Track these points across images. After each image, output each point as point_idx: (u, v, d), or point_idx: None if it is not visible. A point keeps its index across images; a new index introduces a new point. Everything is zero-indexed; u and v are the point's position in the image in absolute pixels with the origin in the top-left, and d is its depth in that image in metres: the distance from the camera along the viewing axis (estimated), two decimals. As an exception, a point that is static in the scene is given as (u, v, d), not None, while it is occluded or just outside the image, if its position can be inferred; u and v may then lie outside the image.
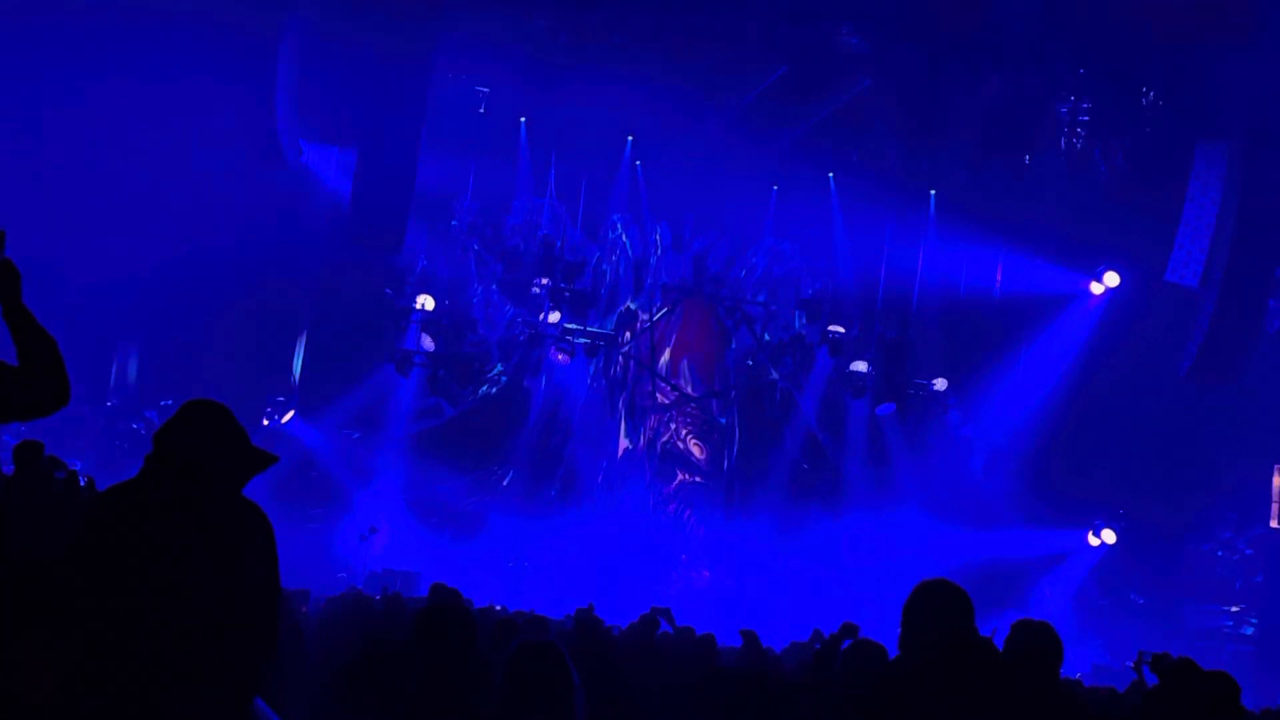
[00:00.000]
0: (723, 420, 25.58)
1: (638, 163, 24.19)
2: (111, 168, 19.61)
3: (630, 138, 23.80)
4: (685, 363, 25.75)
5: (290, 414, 21.89)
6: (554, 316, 23.92)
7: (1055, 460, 23.63)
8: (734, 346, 25.87)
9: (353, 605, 10.71)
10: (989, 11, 18.67)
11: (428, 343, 22.84)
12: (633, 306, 25.46)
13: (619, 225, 25.23)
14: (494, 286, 24.42)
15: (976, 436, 24.69)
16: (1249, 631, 22.57)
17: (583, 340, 24.53)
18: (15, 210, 18.91)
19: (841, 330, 24.13)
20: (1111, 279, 23.48)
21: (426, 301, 22.63)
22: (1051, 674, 4.78)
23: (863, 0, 18.33)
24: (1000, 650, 4.42)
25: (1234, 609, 22.74)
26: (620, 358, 25.63)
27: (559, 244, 24.01)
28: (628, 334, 25.64)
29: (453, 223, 23.90)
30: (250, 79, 19.13)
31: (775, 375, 25.63)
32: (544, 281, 23.87)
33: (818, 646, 11.45)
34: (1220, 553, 22.22)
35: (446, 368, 23.29)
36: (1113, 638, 20.92)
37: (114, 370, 21.63)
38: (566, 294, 23.77)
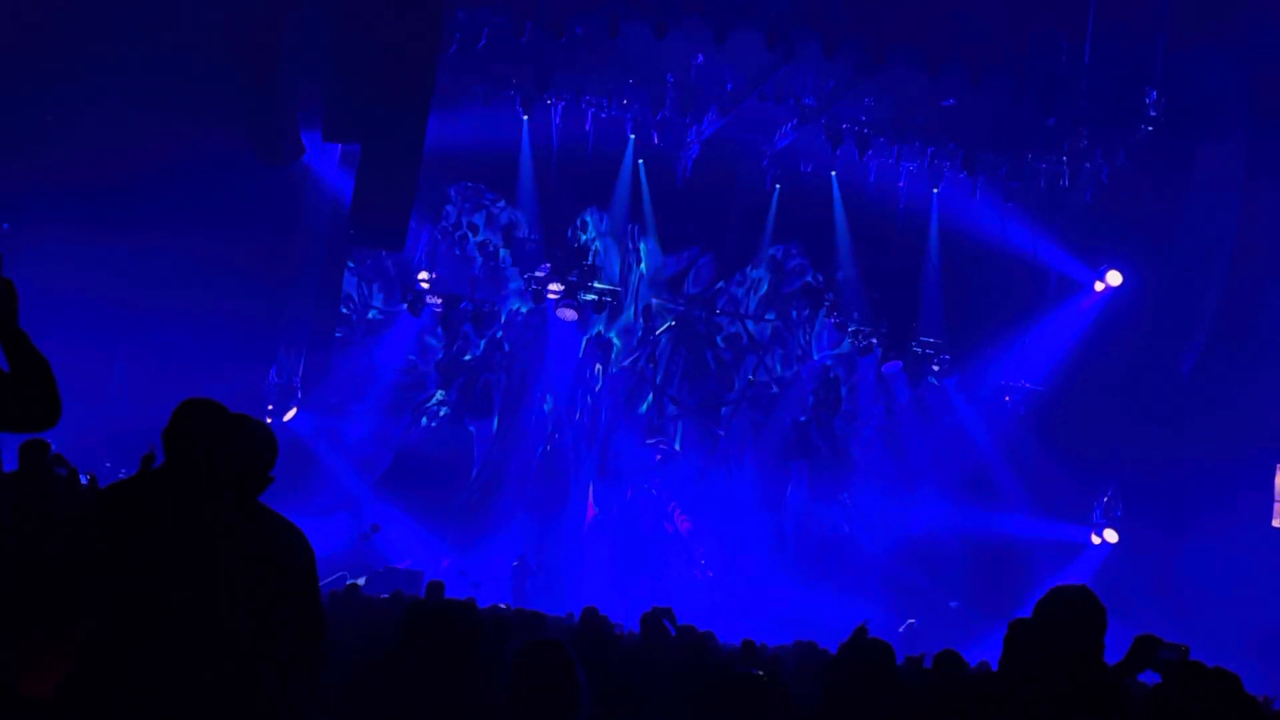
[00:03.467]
0: (721, 432, 24.38)
1: (639, 161, 24.10)
2: (111, 167, 19.61)
3: (633, 137, 23.76)
4: (669, 403, 24.16)
5: (293, 411, 21.85)
6: (555, 287, 22.68)
7: (1056, 456, 23.62)
8: (738, 384, 24.31)
9: (355, 605, 10.70)
10: (988, 12, 18.71)
11: (436, 302, 22.58)
12: (611, 336, 23.98)
13: (590, 224, 23.85)
14: (495, 265, 23.64)
15: (975, 415, 24.54)
16: (1250, 630, 22.56)
17: (590, 297, 22.92)
18: (14, 212, 19.00)
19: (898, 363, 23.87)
20: (1114, 278, 23.48)
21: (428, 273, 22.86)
22: (1095, 648, 4.49)
23: (862, 2, 18.35)
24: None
25: (1234, 608, 22.72)
26: (589, 399, 23.44)
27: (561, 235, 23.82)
28: (599, 366, 23.67)
29: (448, 218, 23.73)
30: (252, 75, 19.14)
31: (776, 389, 24.62)
32: (546, 266, 23.17)
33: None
34: (1221, 551, 22.16)
35: (458, 311, 22.76)
36: (1113, 636, 20.87)
37: (115, 373, 21.54)
38: (571, 272, 23.00)
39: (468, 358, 23.44)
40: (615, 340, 24.12)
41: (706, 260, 24.71)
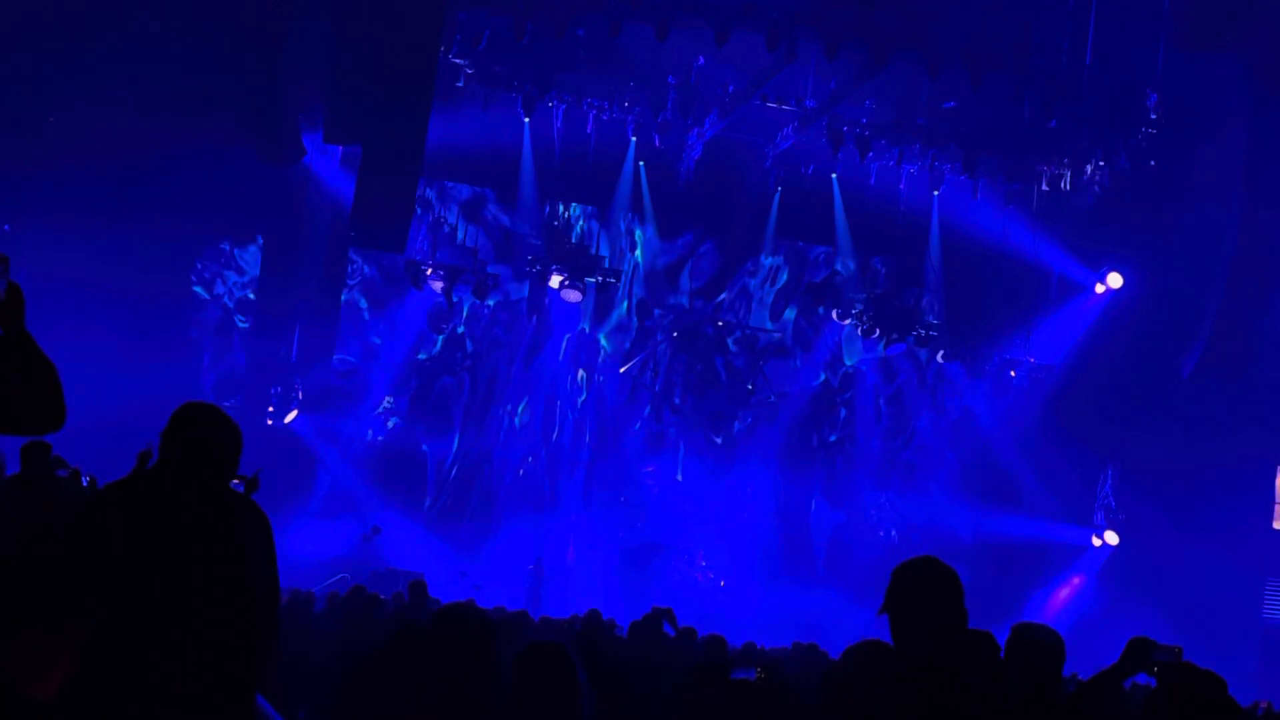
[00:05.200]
0: (718, 440, 23.24)
1: (640, 163, 24.01)
2: (112, 166, 19.63)
3: (634, 139, 23.71)
4: (670, 413, 22.56)
5: (294, 413, 21.82)
6: (555, 280, 21.21)
7: (1057, 456, 23.64)
8: (753, 393, 23.00)
9: (359, 606, 10.70)
10: (989, 14, 18.74)
11: (437, 286, 21.96)
12: (599, 337, 22.79)
13: (578, 210, 22.33)
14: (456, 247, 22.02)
15: (980, 406, 24.48)
16: (1250, 631, 22.57)
17: (593, 280, 20.91)
18: (15, 211, 19.02)
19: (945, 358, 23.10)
20: (1115, 280, 23.50)
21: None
22: (1054, 676, 4.75)
23: (861, 6, 18.39)
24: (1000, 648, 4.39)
25: (1234, 608, 22.74)
26: (571, 413, 21.37)
27: (563, 232, 23.57)
28: (582, 373, 21.65)
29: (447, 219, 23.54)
30: (253, 77, 19.17)
31: (774, 398, 23.73)
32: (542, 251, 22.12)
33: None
34: (1221, 551, 22.19)
35: (457, 283, 21.01)
36: (1114, 638, 20.85)
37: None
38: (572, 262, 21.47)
39: (421, 356, 21.26)
40: (604, 343, 22.58)
41: (708, 248, 24.03)
